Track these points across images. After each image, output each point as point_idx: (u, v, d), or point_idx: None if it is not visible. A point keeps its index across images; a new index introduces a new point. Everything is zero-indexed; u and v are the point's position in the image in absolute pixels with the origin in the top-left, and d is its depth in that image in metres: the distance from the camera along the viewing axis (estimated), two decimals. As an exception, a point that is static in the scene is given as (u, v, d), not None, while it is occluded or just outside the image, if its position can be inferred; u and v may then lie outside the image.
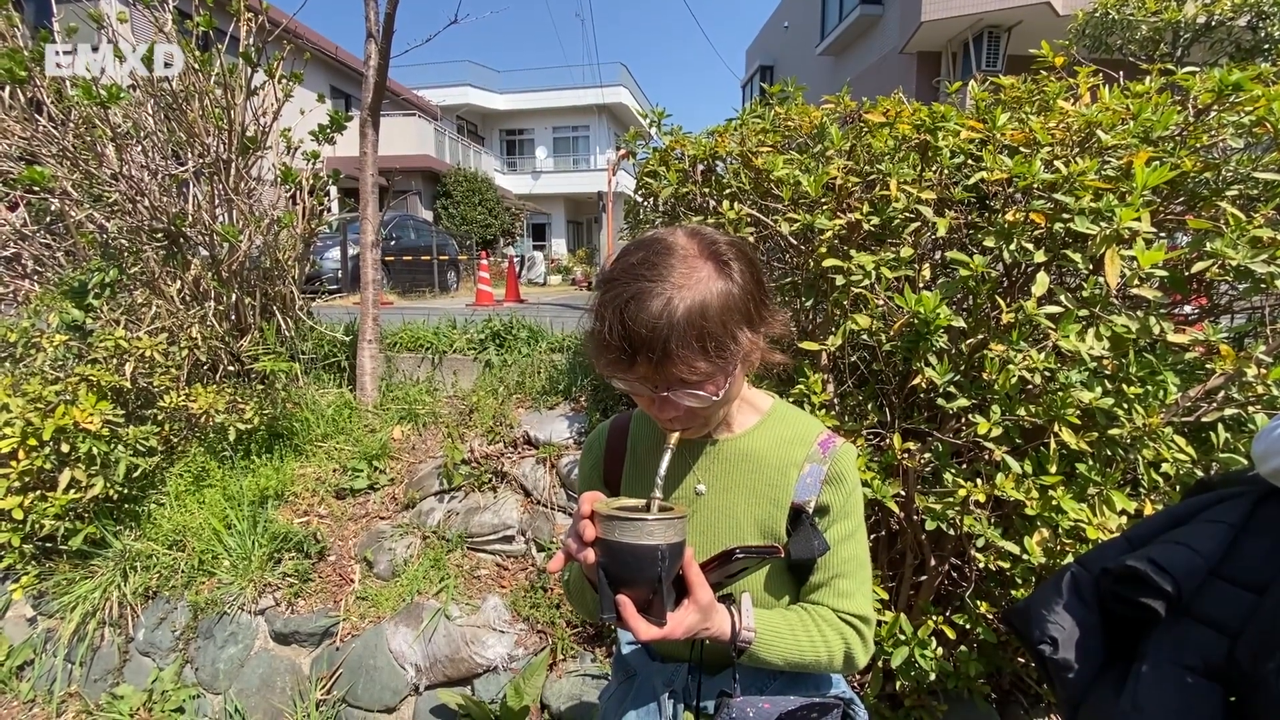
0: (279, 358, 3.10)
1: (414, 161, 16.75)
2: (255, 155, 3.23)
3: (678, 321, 0.69)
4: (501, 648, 2.30)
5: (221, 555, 2.63)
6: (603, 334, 0.72)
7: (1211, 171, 1.60)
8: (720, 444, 0.89)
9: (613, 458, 0.96)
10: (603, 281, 0.76)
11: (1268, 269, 1.35)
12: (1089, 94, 1.83)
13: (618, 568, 0.70)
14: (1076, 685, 1.05)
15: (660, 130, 2.44)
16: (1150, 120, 1.57)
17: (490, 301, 8.95)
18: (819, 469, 0.85)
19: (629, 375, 0.74)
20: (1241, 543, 0.97)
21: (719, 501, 0.87)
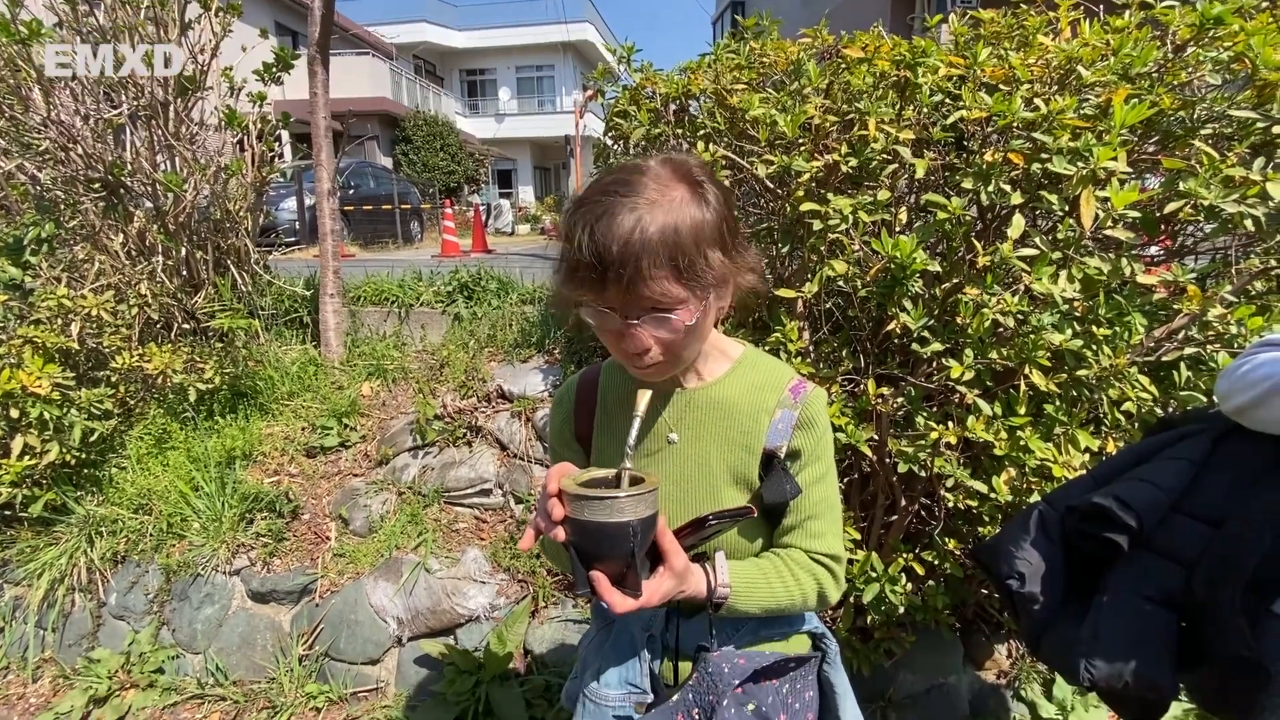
0: (236, 314, 2.98)
1: (370, 104, 15.91)
2: (195, 97, 3.00)
3: (650, 238, 0.67)
4: (483, 598, 2.33)
5: (190, 517, 2.58)
6: (573, 253, 0.70)
7: (1187, 110, 1.58)
8: (692, 392, 0.88)
9: (583, 411, 0.94)
10: (574, 202, 0.74)
11: (1238, 208, 1.35)
12: (1069, 29, 1.79)
13: (589, 545, 0.69)
14: (1040, 617, 1.09)
15: (630, 68, 2.33)
16: (1130, 56, 1.54)
17: (457, 252, 8.71)
18: (790, 414, 0.86)
19: (599, 300, 0.72)
20: (1201, 478, 1.00)
21: (692, 450, 0.87)
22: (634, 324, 0.72)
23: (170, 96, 2.90)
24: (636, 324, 0.72)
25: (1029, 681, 1.98)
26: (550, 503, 0.70)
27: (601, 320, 0.74)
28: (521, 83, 24.85)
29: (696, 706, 0.79)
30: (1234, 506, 0.93)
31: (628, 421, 0.78)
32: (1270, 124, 1.44)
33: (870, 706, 1.95)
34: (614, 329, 0.74)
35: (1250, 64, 1.47)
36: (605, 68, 2.40)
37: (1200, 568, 0.93)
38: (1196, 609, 0.93)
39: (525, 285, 3.70)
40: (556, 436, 0.98)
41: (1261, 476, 0.92)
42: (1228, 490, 0.95)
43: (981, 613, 2.04)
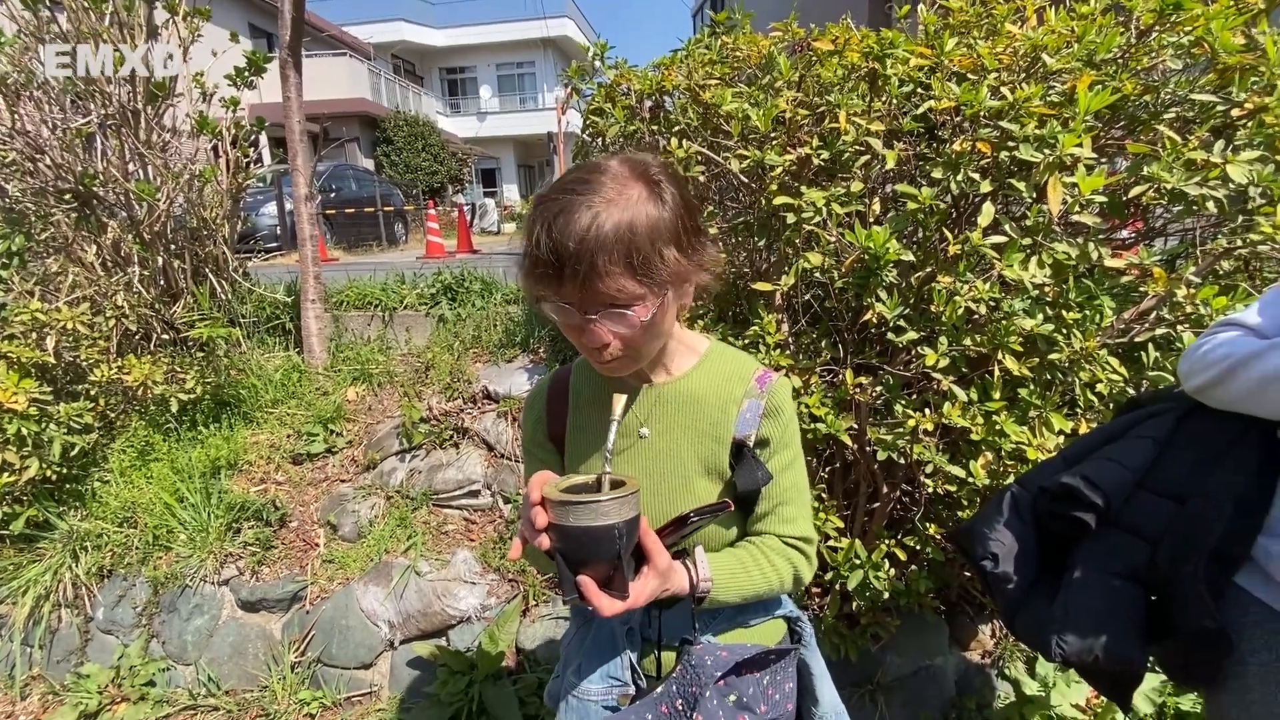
0: (216, 323, 2.95)
1: (349, 105, 15.75)
2: (165, 103, 2.96)
3: (605, 235, 0.69)
4: (474, 599, 2.33)
5: (176, 529, 2.56)
6: (531, 248, 0.72)
7: (1151, 94, 1.61)
8: (661, 387, 0.90)
9: (555, 411, 0.95)
10: (535, 200, 0.76)
11: (1200, 191, 1.38)
12: (1035, 16, 1.81)
13: (575, 550, 0.70)
14: (1014, 596, 1.12)
15: (605, 64, 2.33)
16: (1094, 43, 1.56)
17: (442, 253, 8.66)
18: (757, 403, 0.89)
19: (556, 296, 0.73)
20: (1165, 456, 1.02)
21: (663, 443, 0.89)
22: (592, 319, 0.73)
23: (140, 104, 2.86)
24: (595, 319, 0.73)
25: (1013, 660, 2.02)
26: (534, 511, 0.70)
27: (561, 315, 0.76)
28: (502, 80, 24.69)
29: (680, 698, 0.81)
30: (1196, 484, 0.95)
31: (602, 421, 0.80)
32: (1230, 106, 1.46)
33: (858, 690, 1.98)
34: (574, 324, 0.75)
35: (1210, 48, 1.49)
36: (580, 65, 2.39)
37: (1164, 544, 0.96)
38: (1162, 583, 0.96)
39: (509, 285, 3.69)
40: (530, 439, 0.98)
41: (1222, 454, 0.94)
42: (1190, 468, 0.97)
43: (965, 595, 2.07)
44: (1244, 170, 1.35)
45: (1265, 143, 1.40)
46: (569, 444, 0.94)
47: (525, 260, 0.75)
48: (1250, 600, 0.90)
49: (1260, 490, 0.89)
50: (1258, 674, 0.88)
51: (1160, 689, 1.85)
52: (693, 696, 0.79)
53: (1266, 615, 0.88)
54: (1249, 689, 0.89)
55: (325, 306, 3.38)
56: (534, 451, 0.98)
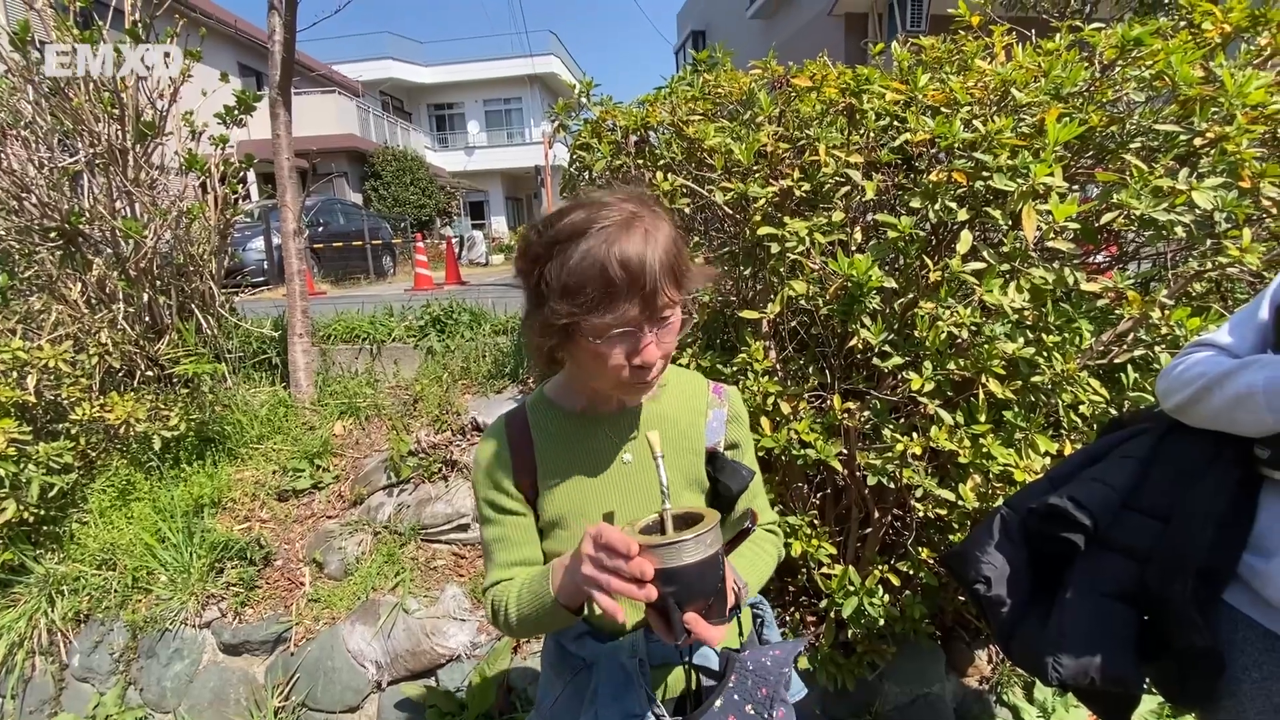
0: (201, 359, 2.92)
1: (337, 141, 15.92)
2: (154, 142, 2.98)
3: (661, 252, 0.73)
4: (463, 636, 2.28)
5: (157, 570, 2.50)
6: (598, 280, 0.70)
7: (1117, 125, 1.67)
8: (632, 412, 0.93)
9: (521, 458, 0.89)
10: (557, 241, 0.73)
11: (1168, 217, 1.43)
12: (1004, 52, 1.89)
13: (687, 589, 0.68)
14: (1009, 619, 1.11)
15: (590, 101, 2.38)
16: (1060, 77, 1.63)
17: (430, 285, 8.68)
18: (721, 412, 0.96)
19: (616, 318, 0.72)
20: (1148, 475, 1.03)
21: (645, 465, 0.90)
22: (653, 335, 0.76)
23: (129, 142, 2.88)
24: (655, 334, 0.76)
25: (1010, 686, 2.00)
26: (637, 563, 0.67)
27: (613, 340, 0.74)
28: (490, 116, 25.08)
29: (749, 702, 0.82)
30: (1176, 501, 0.96)
31: (579, 459, 0.87)
32: (1192, 136, 1.53)
33: (857, 722, 1.95)
34: (626, 346, 0.75)
35: (1170, 80, 1.56)
36: (566, 102, 2.45)
37: (1153, 562, 0.96)
38: (1154, 602, 0.96)
39: (498, 316, 3.71)
40: (495, 490, 0.89)
41: (1202, 472, 0.96)
42: (1170, 486, 0.98)
43: (960, 620, 2.06)
44: (1209, 196, 1.40)
45: (1228, 169, 1.46)
46: (541, 489, 0.89)
47: (574, 297, 0.72)
48: (1239, 617, 0.90)
49: (1241, 507, 0.91)
50: (1250, 692, 0.88)
51: (1158, 711, 1.84)
52: (765, 698, 0.82)
53: (1256, 632, 0.88)
54: (1243, 708, 0.89)
55: (312, 340, 3.37)
56: (503, 505, 0.89)
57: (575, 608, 0.78)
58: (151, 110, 3.00)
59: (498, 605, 0.87)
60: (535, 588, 0.82)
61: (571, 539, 0.87)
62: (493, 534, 0.90)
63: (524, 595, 0.83)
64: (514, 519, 0.90)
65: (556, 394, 0.94)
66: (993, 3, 2.13)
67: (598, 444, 0.90)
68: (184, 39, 3.04)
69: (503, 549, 0.90)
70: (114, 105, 2.80)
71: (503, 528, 0.90)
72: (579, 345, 0.76)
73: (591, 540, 0.70)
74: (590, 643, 0.90)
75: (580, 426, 0.90)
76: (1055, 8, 7.56)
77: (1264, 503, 0.89)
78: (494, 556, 0.90)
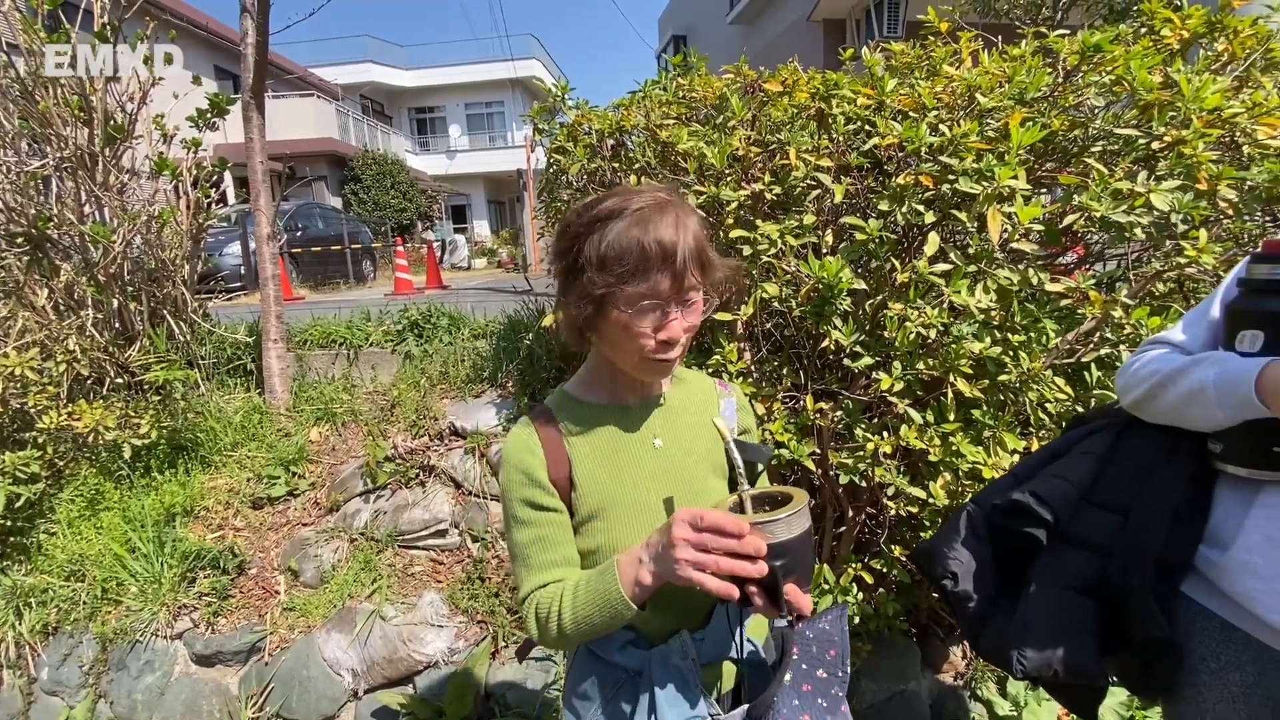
0: (173, 365, 2.88)
1: (316, 145, 15.74)
2: (124, 145, 2.93)
3: (691, 234, 0.79)
4: (441, 642, 2.27)
5: (127, 581, 2.45)
6: (634, 253, 0.77)
7: (1079, 129, 1.71)
8: (664, 401, 0.96)
9: (555, 455, 0.88)
10: (597, 219, 0.79)
11: (1128, 219, 1.46)
12: (971, 58, 1.92)
13: (792, 562, 0.71)
14: (976, 614, 1.13)
15: (567, 105, 2.39)
16: (1024, 82, 1.66)
17: (411, 289, 8.61)
18: (731, 401, 1.02)
19: (651, 289, 0.78)
20: (1107, 471, 1.05)
21: (676, 451, 0.93)
22: (683, 305, 0.81)
23: (98, 146, 2.83)
24: (680, 311, 0.81)
25: (984, 681, 2.03)
26: (749, 541, 0.69)
27: (643, 311, 0.79)
28: (471, 119, 24.95)
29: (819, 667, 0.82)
30: (1134, 496, 0.99)
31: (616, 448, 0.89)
32: (1150, 140, 1.57)
33: None
34: (654, 321, 0.80)
35: (1130, 86, 1.60)
36: (542, 106, 2.45)
37: (1113, 556, 0.98)
38: (1114, 595, 0.98)
39: (478, 320, 3.69)
40: (532, 487, 0.86)
41: (1159, 466, 0.98)
42: (1128, 481, 1.00)
43: (934, 617, 2.09)
44: (1166, 198, 1.44)
45: (1185, 172, 1.50)
46: (579, 481, 0.88)
47: (615, 269, 0.77)
48: (1197, 609, 0.92)
49: (1196, 500, 0.93)
50: (1208, 682, 0.90)
51: (1128, 703, 1.87)
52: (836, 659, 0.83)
53: (1213, 623, 0.90)
54: (1202, 697, 0.91)
55: (288, 346, 3.33)
56: (541, 503, 0.86)
57: (641, 604, 0.76)
58: (121, 113, 2.95)
59: (543, 612, 0.82)
60: (595, 587, 0.78)
61: (607, 531, 0.86)
62: (529, 536, 0.86)
63: (580, 597, 0.79)
64: (552, 516, 0.87)
65: (579, 390, 0.95)
66: (964, 9, 2.17)
67: (628, 432, 0.91)
68: (154, 41, 2.99)
69: (541, 549, 0.85)
70: (82, 109, 2.75)
71: (540, 528, 0.86)
72: (609, 319, 0.80)
73: (687, 524, 0.70)
74: (634, 651, 0.87)
75: (609, 417, 0.91)
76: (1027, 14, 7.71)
77: (1219, 496, 0.91)
78: (531, 559, 0.85)
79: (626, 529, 0.86)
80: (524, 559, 0.86)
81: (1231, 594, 0.87)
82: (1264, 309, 0.85)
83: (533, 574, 0.85)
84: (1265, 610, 0.83)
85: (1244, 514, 0.86)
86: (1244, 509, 0.87)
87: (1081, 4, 7.78)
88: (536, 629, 0.83)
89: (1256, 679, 0.86)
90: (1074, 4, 7.84)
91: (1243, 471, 0.86)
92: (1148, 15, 1.89)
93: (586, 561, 0.88)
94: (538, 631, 0.83)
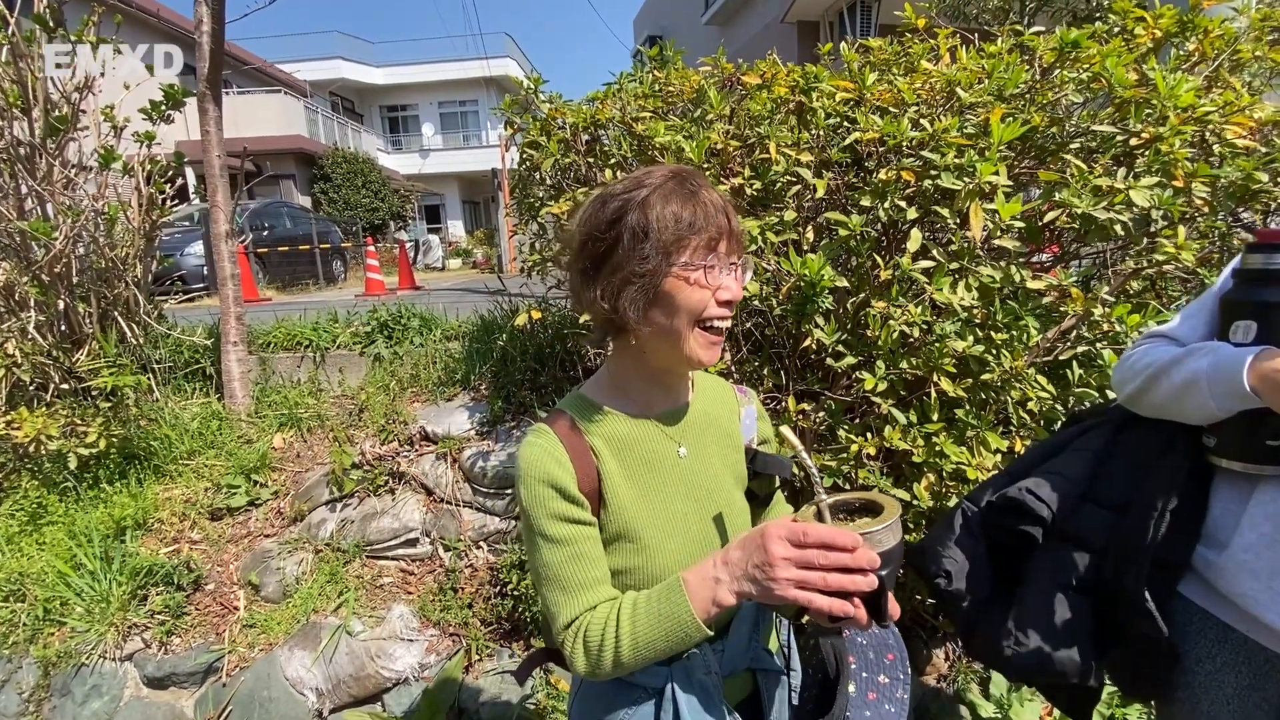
0: (124, 370, 2.73)
1: (284, 143, 15.35)
2: (67, 137, 2.78)
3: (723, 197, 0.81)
4: (411, 657, 2.17)
5: (72, 600, 2.30)
6: (691, 209, 0.76)
7: (1057, 126, 1.70)
8: (687, 410, 0.91)
9: (582, 463, 0.80)
10: (641, 185, 0.78)
11: (1108, 215, 1.45)
12: (949, 55, 1.90)
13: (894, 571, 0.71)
14: (969, 612, 1.10)
15: (539, 98, 2.32)
16: (1003, 79, 1.64)
17: (382, 290, 8.41)
18: (751, 409, 0.97)
19: (714, 254, 0.78)
20: (1104, 467, 1.03)
21: (699, 462, 0.88)
22: (740, 263, 0.81)
23: (39, 139, 2.67)
24: (738, 264, 0.80)
25: (967, 683, 2.01)
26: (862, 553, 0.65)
27: (705, 273, 0.77)
28: (445, 118, 24.61)
29: (879, 673, 0.82)
30: (1131, 492, 0.96)
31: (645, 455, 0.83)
32: (1128, 136, 1.56)
33: (818, 728, 1.92)
34: (714, 283, 0.78)
35: (1107, 83, 1.59)
36: (514, 99, 2.38)
37: (1109, 554, 0.96)
38: (1110, 594, 0.95)
39: (450, 321, 3.59)
40: (562, 500, 0.78)
41: (1154, 463, 0.96)
42: (1125, 478, 0.98)
43: (917, 619, 2.06)
44: (1145, 195, 1.42)
45: (1162, 169, 1.49)
46: (611, 497, 0.81)
47: (675, 239, 0.76)
48: (1194, 609, 0.90)
49: (1194, 498, 0.91)
50: (1204, 684, 0.88)
51: (1108, 701, 1.87)
52: (895, 663, 0.83)
53: (1210, 624, 0.88)
54: (1197, 699, 0.89)
55: (250, 348, 3.19)
56: (574, 517, 0.79)
57: (710, 625, 0.71)
58: (67, 104, 2.80)
59: (594, 639, 0.74)
60: (660, 608, 0.71)
61: (638, 551, 0.80)
62: (562, 555, 0.77)
63: (641, 620, 0.72)
64: (588, 531, 0.79)
65: (601, 395, 0.87)
66: (937, 12, 2.16)
67: (655, 442, 0.85)
68: (100, 28, 2.84)
69: (579, 567, 0.77)
70: (19, 99, 2.59)
71: (576, 544, 0.78)
72: (662, 291, 0.76)
73: (787, 541, 0.66)
74: (655, 667, 0.81)
75: (635, 427, 0.85)
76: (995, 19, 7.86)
77: (1215, 494, 0.89)
78: (568, 580, 0.77)
79: (659, 547, 0.81)
80: (559, 581, 0.77)
81: (1229, 595, 0.85)
82: (1257, 299, 0.83)
83: (573, 597, 0.76)
84: (1263, 610, 0.81)
85: (1240, 512, 0.85)
86: (1240, 506, 0.85)
87: (1046, 10, 7.96)
88: (585, 660, 0.75)
89: (1253, 681, 0.85)
90: (1040, 9, 8.02)
91: (1237, 466, 0.85)
92: (1120, 15, 1.90)
93: (614, 583, 0.81)
94: (586, 663, 0.75)
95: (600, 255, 0.79)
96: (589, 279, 0.80)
